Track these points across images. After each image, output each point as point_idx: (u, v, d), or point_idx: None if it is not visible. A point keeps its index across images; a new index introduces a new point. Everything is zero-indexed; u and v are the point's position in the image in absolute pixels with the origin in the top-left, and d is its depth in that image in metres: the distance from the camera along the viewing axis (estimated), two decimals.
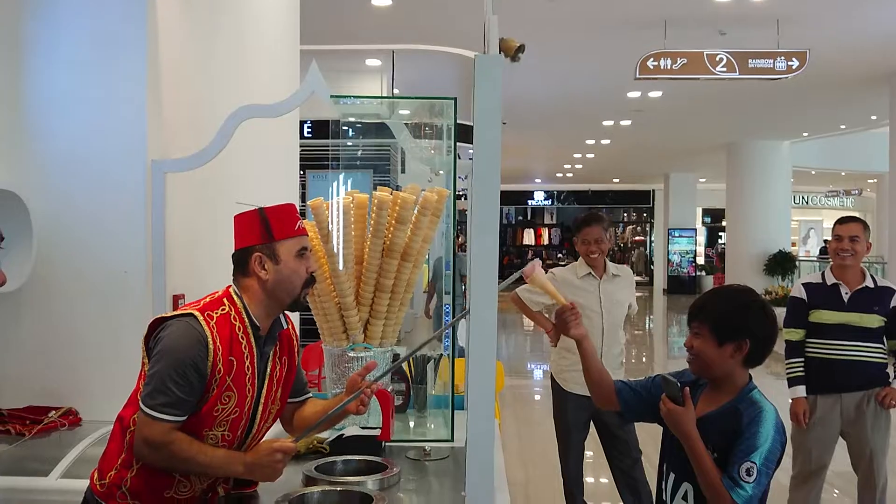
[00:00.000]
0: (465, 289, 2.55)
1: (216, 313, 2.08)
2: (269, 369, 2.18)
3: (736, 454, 2.07)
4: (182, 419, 2.01)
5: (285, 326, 2.25)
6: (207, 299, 2.14)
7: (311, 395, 2.39)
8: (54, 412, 3.26)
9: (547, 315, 4.58)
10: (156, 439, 1.99)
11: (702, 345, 2.20)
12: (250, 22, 4.46)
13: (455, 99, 2.80)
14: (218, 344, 2.03)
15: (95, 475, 2.15)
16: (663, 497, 2.30)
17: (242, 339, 2.10)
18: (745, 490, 2.03)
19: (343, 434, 2.51)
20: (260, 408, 2.16)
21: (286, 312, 2.28)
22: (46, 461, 2.96)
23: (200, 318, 2.05)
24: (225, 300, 2.14)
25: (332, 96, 2.98)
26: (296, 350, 2.33)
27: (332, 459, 2.36)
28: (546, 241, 30.37)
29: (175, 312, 2.12)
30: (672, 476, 2.26)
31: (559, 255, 28.63)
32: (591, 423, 4.52)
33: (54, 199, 3.36)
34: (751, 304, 2.24)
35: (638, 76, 8.46)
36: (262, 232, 2.16)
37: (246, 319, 2.13)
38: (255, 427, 2.17)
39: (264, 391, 2.16)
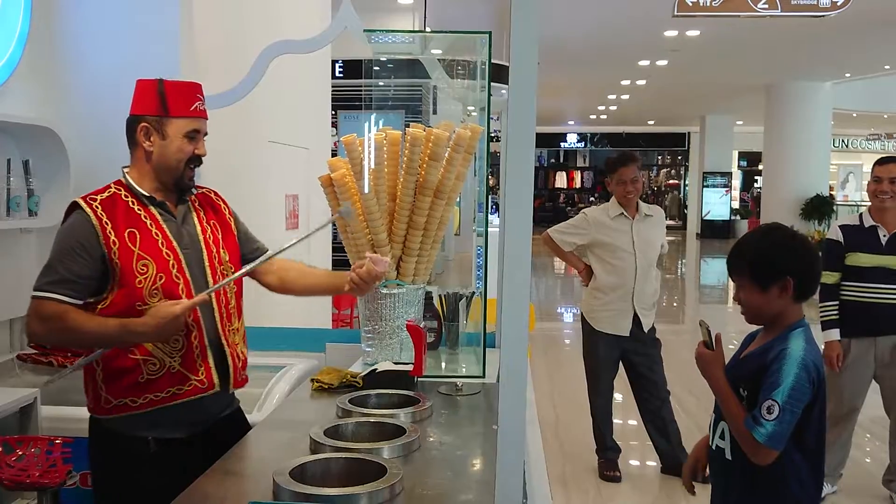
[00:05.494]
0: None
1: (100, 196, 2.12)
2: (199, 233, 2.21)
3: (761, 393, 2.08)
4: (74, 301, 2.04)
5: (195, 192, 2.27)
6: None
7: (269, 252, 2.35)
8: None
9: (578, 255, 4.57)
10: (47, 313, 2.02)
11: (747, 295, 2.19)
12: None
13: (490, 33, 2.75)
14: (105, 220, 2.06)
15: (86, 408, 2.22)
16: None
17: (139, 210, 2.13)
18: (765, 427, 2.03)
19: (376, 369, 2.55)
20: (207, 269, 2.19)
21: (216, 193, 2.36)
22: None
23: (81, 202, 2.10)
24: (112, 184, 2.18)
25: (364, 30, 2.95)
26: (224, 212, 2.36)
27: (366, 393, 2.39)
28: (578, 185, 30.08)
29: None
30: (714, 416, 2.30)
31: (591, 199, 28.38)
32: (621, 363, 4.54)
33: (90, 135, 3.39)
34: (781, 240, 2.20)
35: (676, 13, 8.21)
36: (157, 104, 2.14)
37: (135, 192, 2.15)
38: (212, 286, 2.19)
39: (205, 254, 2.20)
